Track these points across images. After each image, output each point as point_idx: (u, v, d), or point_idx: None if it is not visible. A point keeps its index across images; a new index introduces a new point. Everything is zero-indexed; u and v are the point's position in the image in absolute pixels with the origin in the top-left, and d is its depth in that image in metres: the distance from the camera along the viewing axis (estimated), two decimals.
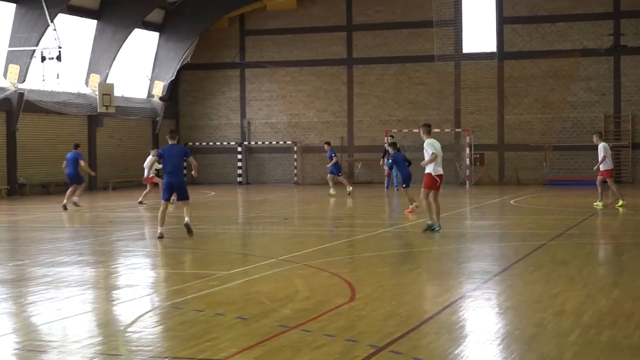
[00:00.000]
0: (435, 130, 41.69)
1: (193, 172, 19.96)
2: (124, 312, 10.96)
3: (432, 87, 43.50)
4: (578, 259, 15.16)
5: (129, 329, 9.71)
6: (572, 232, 19.79)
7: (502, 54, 42.49)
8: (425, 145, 19.36)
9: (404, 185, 25.82)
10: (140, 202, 30.49)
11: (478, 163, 42.63)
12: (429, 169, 19.46)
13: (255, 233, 20.86)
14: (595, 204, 26.69)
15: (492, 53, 42.52)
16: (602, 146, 26.63)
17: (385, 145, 35.63)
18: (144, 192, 30.82)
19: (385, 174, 37.74)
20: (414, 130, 42.32)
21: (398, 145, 27.73)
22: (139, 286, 12.86)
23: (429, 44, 42.91)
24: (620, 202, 26.88)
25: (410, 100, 43.96)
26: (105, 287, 12.98)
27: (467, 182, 40.93)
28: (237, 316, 10.28)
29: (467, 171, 41.15)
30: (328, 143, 35.27)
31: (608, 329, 9.48)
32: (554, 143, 41.79)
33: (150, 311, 10.90)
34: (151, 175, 29.87)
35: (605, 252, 16.70)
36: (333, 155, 33.88)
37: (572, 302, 10.95)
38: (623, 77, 41.29)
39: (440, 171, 19.54)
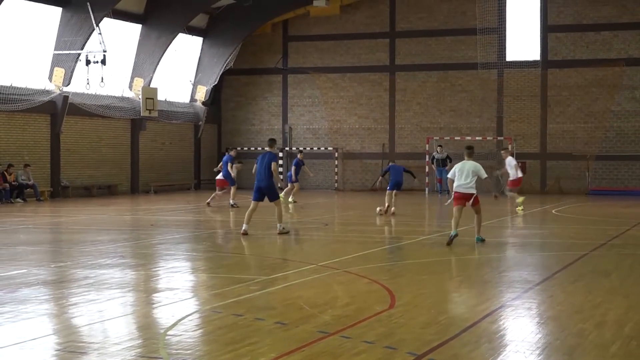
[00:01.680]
0: (477, 138, 41.81)
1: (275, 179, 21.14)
2: (164, 315, 11.00)
3: (475, 94, 43.34)
4: (620, 270, 15.02)
5: (169, 332, 9.75)
6: (614, 242, 19.61)
7: (546, 62, 42.24)
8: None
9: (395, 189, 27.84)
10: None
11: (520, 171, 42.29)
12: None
13: (296, 239, 20.89)
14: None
15: (535, 61, 42.29)
16: (508, 160, 29.74)
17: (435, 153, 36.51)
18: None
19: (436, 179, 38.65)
20: (456, 138, 42.23)
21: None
22: (179, 289, 12.92)
23: (471, 52, 42.77)
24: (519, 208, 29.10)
25: (452, 108, 43.83)
26: (146, 290, 13.05)
27: (509, 190, 40.61)
28: (276, 321, 10.29)
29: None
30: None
31: None
32: (597, 153, 41.46)
33: (190, 315, 10.93)
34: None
35: None
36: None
37: (614, 313, 10.86)
38: None
39: (458, 190, 19.48)
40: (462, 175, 19.41)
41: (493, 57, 42.34)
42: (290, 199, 32.96)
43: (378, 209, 28.04)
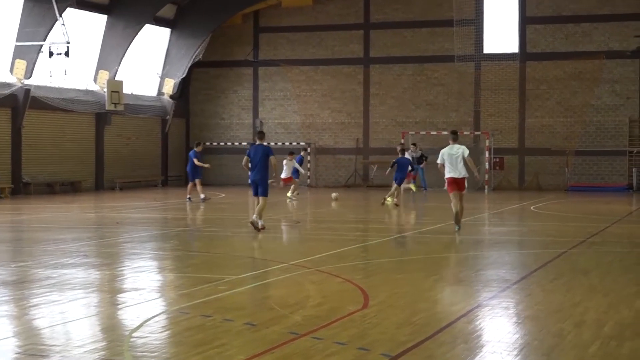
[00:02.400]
0: None
1: (274, 176, 21.95)
2: (129, 317, 10.95)
3: (451, 88, 43.46)
4: (600, 268, 15.10)
5: (134, 334, 9.70)
6: (594, 240, 19.72)
7: (524, 54, 42.41)
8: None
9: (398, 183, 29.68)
10: (289, 199, 32.31)
11: (497, 167, 42.53)
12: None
13: (267, 236, 20.86)
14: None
15: (514, 54, 42.44)
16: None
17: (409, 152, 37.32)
18: (292, 188, 32.96)
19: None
20: (432, 133, 42.33)
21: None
22: (145, 290, 12.86)
23: (448, 44, 42.88)
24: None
25: (429, 102, 43.92)
26: (110, 291, 12.99)
27: (486, 187, 40.86)
28: (246, 322, 10.26)
29: (486, 175, 41.05)
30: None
31: (630, 340, 9.43)
32: (577, 148, 41.67)
33: (156, 316, 10.89)
34: (289, 176, 32.82)
35: (628, 261, 16.61)
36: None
37: (593, 313, 10.91)
38: None
39: (449, 175, 20.87)
40: (453, 159, 20.66)
41: (470, 49, 42.47)
42: (289, 194, 33.06)
43: (395, 200, 29.93)
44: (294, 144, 45.27)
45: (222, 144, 46.56)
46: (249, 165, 21.34)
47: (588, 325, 10.18)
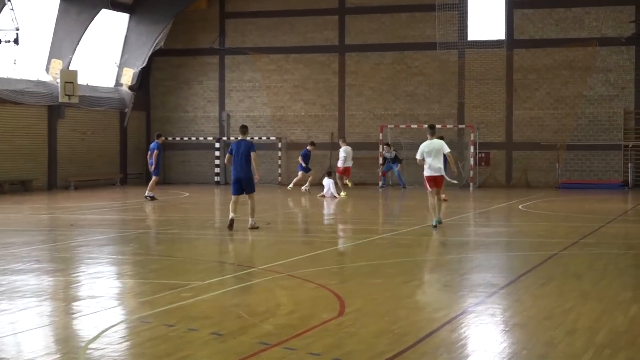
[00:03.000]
0: (437, 126, 41.96)
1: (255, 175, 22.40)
2: (85, 327, 10.93)
3: (433, 78, 43.57)
4: (593, 271, 15.19)
5: (91, 345, 9.69)
6: (587, 240, 19.83)
7: (512, 42, 42.57)
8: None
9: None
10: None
11: (483, 163, 42.69)
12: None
13: (234, 239, 20.83)
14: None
15: (500, 41, 42.59)
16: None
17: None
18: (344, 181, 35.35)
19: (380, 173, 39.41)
20: (413, 126, 42.43)
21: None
22: (102, 297, 12.83)
23: (430, 30, 42.98)
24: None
25: (409, 93, 44.02)
26: (65, 298, 12.95)
27: (471, 184, 41.00)
28: (212, 332, 10.26)
29: (471, 172, 41.20)
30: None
31: (625, 349, 9.49)
32: (568, 142, 41.88)
33: (115, 325, 10.87)
34: (347, 165, 35.69)
35: (623, 264, 16.72)
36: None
37: (586, 319, 10.98)
38: None
39: (429, 173, 22.19)
40: (432, 155, 21.96)
41: (453, 36, 42.60)
42: (305, 187, 36.47)
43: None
44: (264, 138, 45.26)
45: (185, 139, 46.48)
46: (232, 162, 21.90)
47: (580, 333, 10.24)
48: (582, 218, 26.00)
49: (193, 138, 46.52)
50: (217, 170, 45.28)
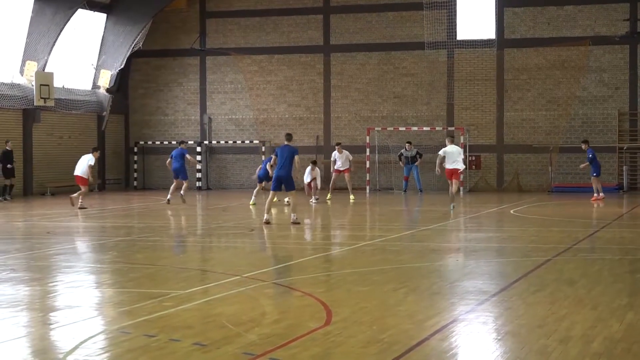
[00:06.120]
0: (425, 128, 42.18)
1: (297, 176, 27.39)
2: (63, 338, 10.91)
3: (421, 79, 43.63)
4: (587, 278, 15.23)
5: (69, 357, 9.68)
6: (580, 246, 19.89)
7: (502, 41, 42.66)
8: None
9: None
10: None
11: (474, 166, 42.77)
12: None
13: (217, 246, 20.82)
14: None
15: (490, 40, 42.68)
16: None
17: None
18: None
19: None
20: (401, 129, 42.48)
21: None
22: (81, 307, 12.81)
23: (418, 30, 43.06)
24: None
25: (396, 94, 44.07)
26: (42, 309, 12.93)
27: (461, 188, 41.05)
28: (194, 342, 10.27)
29: (461, 176, 41.20)
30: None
31: (620, 358, 9.53)
32: (561, 144, 41.99)
33: (94, 336, 10.86)
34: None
35: (619, 270, 16.77)
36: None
37: (580, 327, 11.01)
38: None
39: (449, 166, 29.96)
40: (453, 156, 29.86)
41: (442, 35, 42.66)
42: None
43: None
44: (247, 142, 45.26)
45: (165, 142, 46.42)
46: (276, 162, 25.50)
47: (575, 341, 10.27)
48: (576, 223, 26.06)
49: (174, 142, 46.36)
50: (198, 175, 45.20)
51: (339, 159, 36.68)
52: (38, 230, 25.40)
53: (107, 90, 44.84)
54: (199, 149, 45.34)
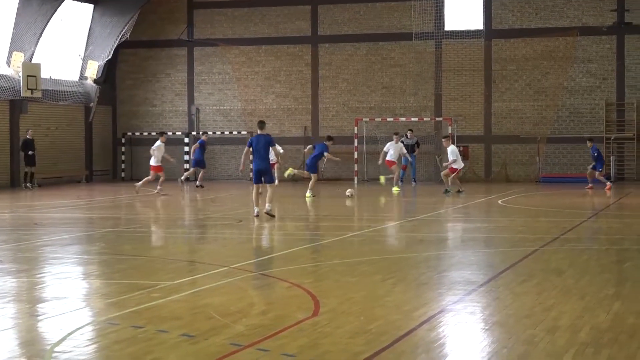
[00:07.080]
0: (413, 119, 42.14)
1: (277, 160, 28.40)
2: (50, 329, 10.90)
3: (409, 69, 43.63)
4: (575, 268, 15.26)
5: (57, 348, 9.66)
6: (568, 236, 19.92)
7: (490, 32, 42.68)
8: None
9: None
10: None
11: (462, 157, 42.71)
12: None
13: (205, 237, 20.81)
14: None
15: (478, 31, 42.69)
16: (450, 150, 35.02)
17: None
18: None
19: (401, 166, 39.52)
20: (389, 119, 42.49)
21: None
22: (68, 298, 12.79)
23: (405, 20, 43.05)
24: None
25: (384, 85, 44.07)
26: (29, 300, 12.91)
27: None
28: (182, 333, 10.26)
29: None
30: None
31: (607, 347, 9.54)
32: (549, 134, 42.05)
33: (81, 328, 10.83)
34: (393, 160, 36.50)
35: (606, 260, 16.81)
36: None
37: (568, 317, 11.03)
38: (627, 59, 41.62)
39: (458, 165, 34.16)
40: (452, 156, 33.99)
41: (430, 26, 42.66)
42: (309, 194, 32.83)
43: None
44: (234, 133, 45.21)
45: (153, 133, 46.26)
46: (252, 154, 24.61)
47: (562, 331, 10.29)
48: (563, 213, 26.11)
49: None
50: (186, 166, 45.11)
51: (392, 149, 36.12)
52: (25, 221, 25.36)
53: (95, 81, 44.73)
54: (186, 139, 45.27)
